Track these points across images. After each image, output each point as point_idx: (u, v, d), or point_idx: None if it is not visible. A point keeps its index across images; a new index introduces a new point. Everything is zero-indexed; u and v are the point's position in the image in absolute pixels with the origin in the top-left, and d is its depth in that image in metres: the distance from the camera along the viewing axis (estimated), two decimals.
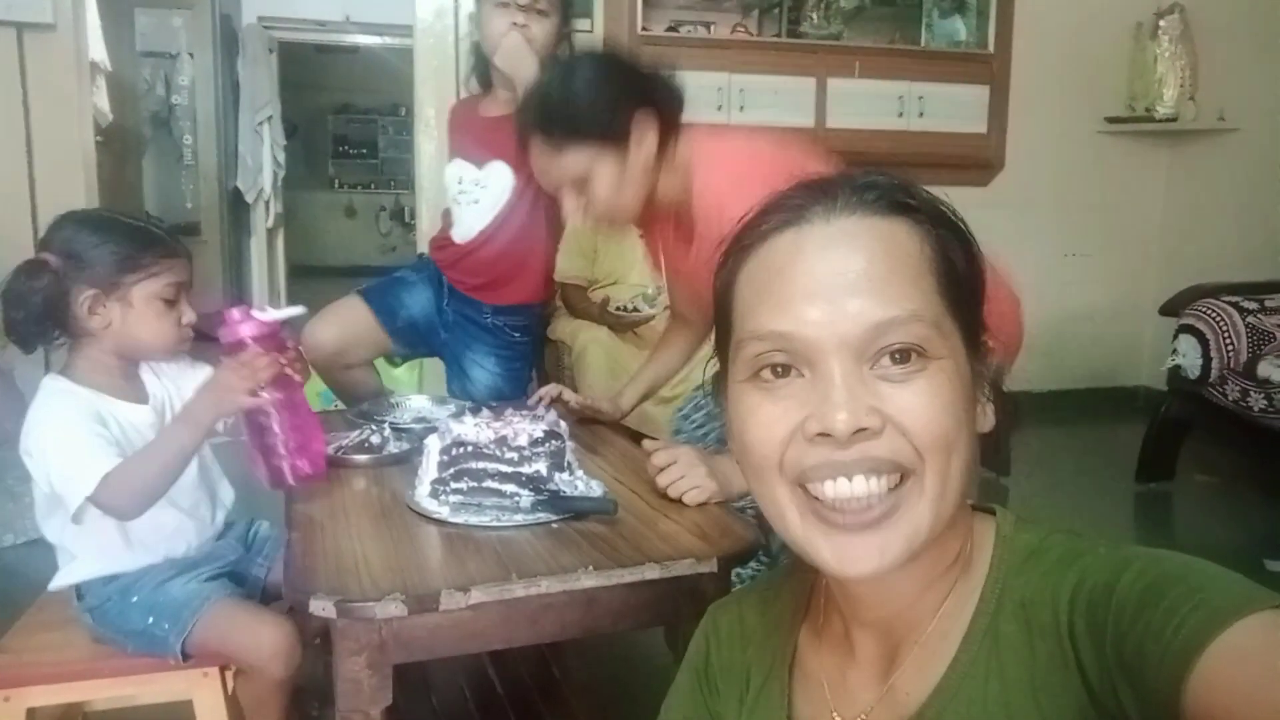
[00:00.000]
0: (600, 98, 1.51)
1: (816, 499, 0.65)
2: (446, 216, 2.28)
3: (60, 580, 1.53)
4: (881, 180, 0.68)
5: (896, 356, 0.63)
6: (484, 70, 2.20)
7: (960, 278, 0.67)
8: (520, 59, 2.01)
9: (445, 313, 2.23)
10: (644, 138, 1.52)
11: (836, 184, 0.68)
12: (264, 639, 1.43)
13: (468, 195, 2.18)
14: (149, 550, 1.53)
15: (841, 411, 0.61)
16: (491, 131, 2.09)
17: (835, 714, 0.74)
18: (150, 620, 1.46)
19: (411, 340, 2.29)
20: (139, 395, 1.55)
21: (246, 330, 1.39)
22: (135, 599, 1.48)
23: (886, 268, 0.64)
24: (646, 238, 1.78)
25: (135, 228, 1.49)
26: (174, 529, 1.55)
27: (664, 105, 1.55)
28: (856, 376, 0.62)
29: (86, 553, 1.51)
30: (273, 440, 1.41)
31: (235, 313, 1.41)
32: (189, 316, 1.50)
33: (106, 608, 1.49)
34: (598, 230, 1.66)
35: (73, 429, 1.40)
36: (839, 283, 0.64)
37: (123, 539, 1.50)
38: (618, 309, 3.11)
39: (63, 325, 1.45)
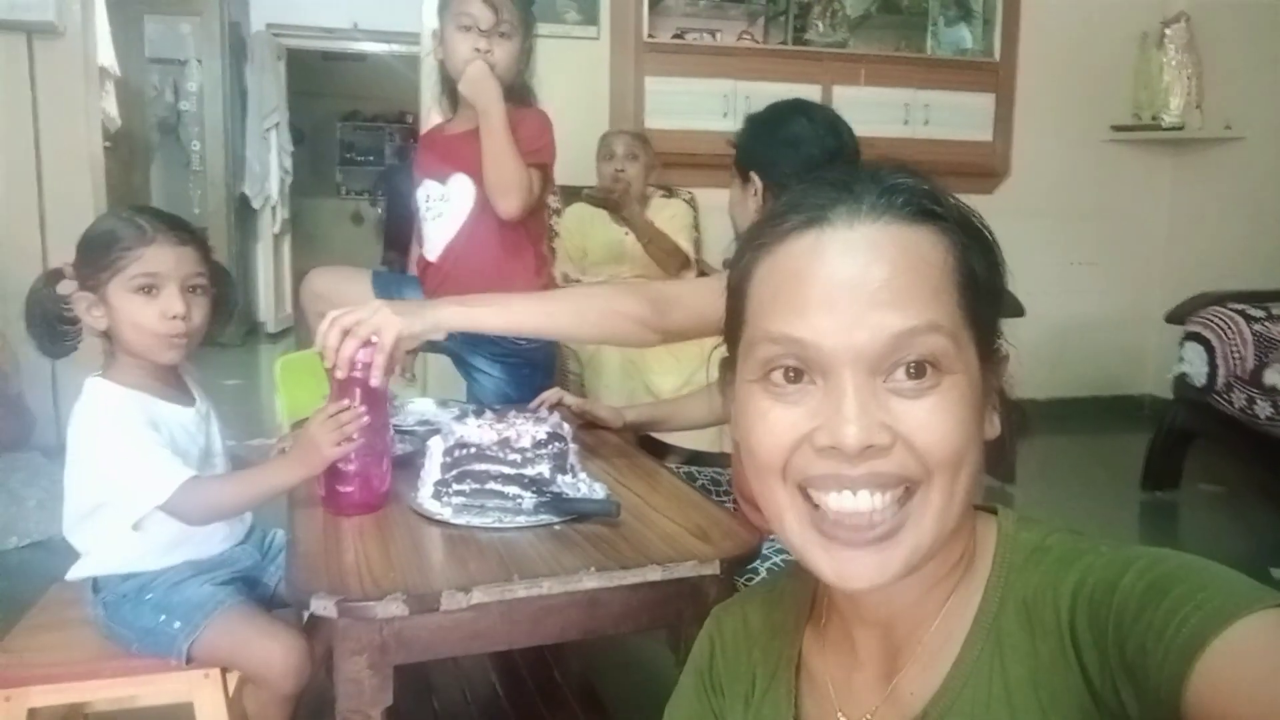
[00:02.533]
0: (749, 133, 1.73)
1: (817, 507, 0.64)
2: (420, 240, 2.28)
3: (79, 571, 1.53)
4: (908, 183, 0.66)
5: (911, 370, 0.62)
6: (452, 89, 2.21)
7: (981, 286, 0.66)
8: (482, 89, 2.03)
9: (452, 335, 2.24)
10: (757, 194, 1.68)
11: (862, 184, 0.66)
12: (276, 653, 1.42)
13: (433, 211, 2.19)
14: (174, 551, 1.54)
15: (852, 425, 0.60)
16: (455, 146, 2.11)
17: (840, 715, 0.73)
18: (162, 618, 1.46)
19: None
20: (183, 397, 1.56)
21: (361, 354, 1.34)
22: (150, 596, 1.49)
23: (908, 280, 0.62)
24: None
25: (113, 222, 1.45)
26: (205, 533, 1.56)
27: (772, 187, 1.67)
28: (869, 390, 0.62)
29: (110, 548, 1.51)
30: (340, 469, 1.38)
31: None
32: (174, 309, 1.42)
33: (120, 602, 1.49)
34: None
35: (135, 438, 1.41)
36: (859, 293, 0.62)
37: (150, 540, 1.50)
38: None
39: (83, 331, 1.47)
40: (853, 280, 0.62)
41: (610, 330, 1.59)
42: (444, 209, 2.17)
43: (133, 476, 1.40)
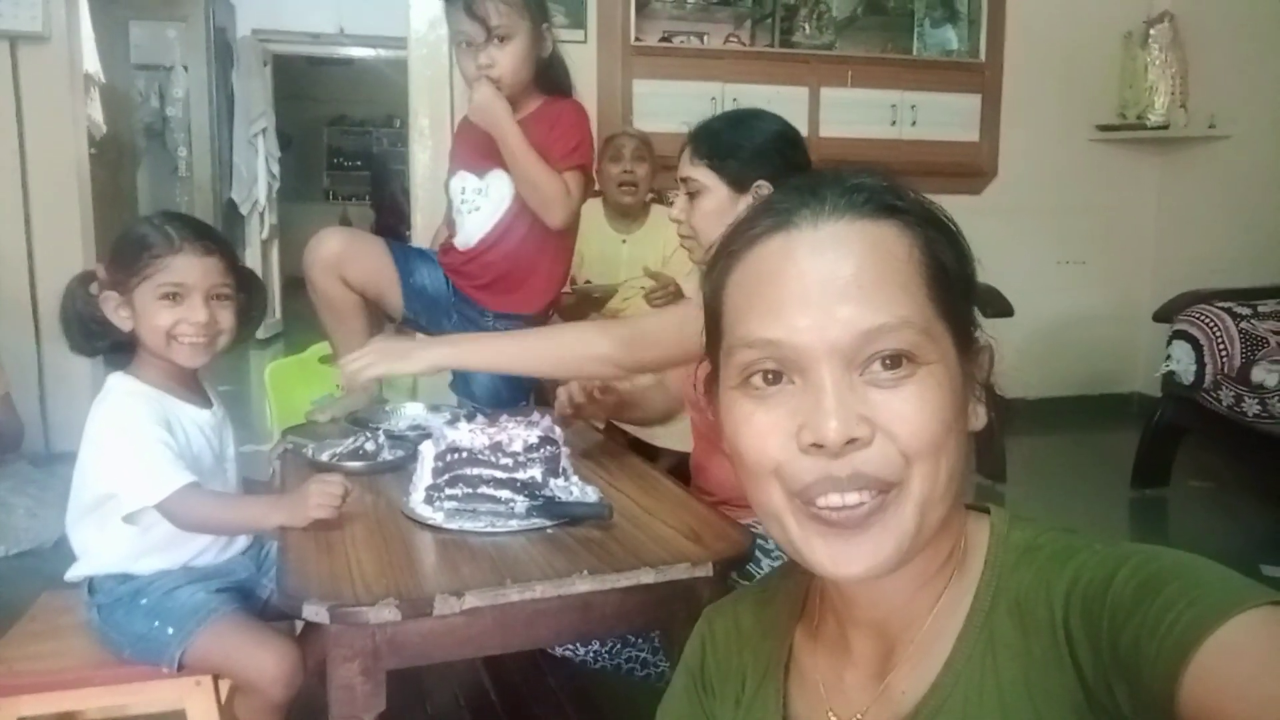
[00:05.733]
0: (751, 143, 1.68)
1: (810, 503, 0.65)
2: (451, 227, 2.27)
3: (77, 571, 1.54)
4: (869, 182, 0.68)
5: (887, 362, 0.62)
6: None
7: (951, 279, 0.67)
8: (490, 116, 2.02)
9: (451, 312, 2.24)
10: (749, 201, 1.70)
11: (824, 186, 0.67)
12: (268, 661, 1.43)
13: (469, 204, 2.18)
14: (169, 556, 1.55)
15: (832, 420, 0.61)
16: (491, 141, 2.08)
17: (831, 714, 0.74)
18: (155, 624, 1.47)
19: (419, 306, 2.24)
20: (201, 400, 1.60)
21: None
22: (144, 601, 1.49)
23: (875, 273, 0.63)
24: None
25: (146, 228, 1.50)
26: (203, 540, 1.57)
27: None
28: (847, 384, 0.62)
29: (108, 550, 1.52)
30: None
31: None
32: (196, 317, 1.47)
33: (114, 606, 1.50)
34: (682, 243, 1.81)
35: (146, 435, 1.44)
36: (828, 289, 0.63)
37: (147, 543, 1.52)
38: (586, 282, 3.25)
39: (115, 331, 1.51)
40: (821, 277, 0.64)
41: (583, 371, 1.66)
42: (482, 203, 2.17)
43: (134, 471, 1.43)
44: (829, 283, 0.63)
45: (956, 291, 0.67)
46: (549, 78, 2.13)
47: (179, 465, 1.44)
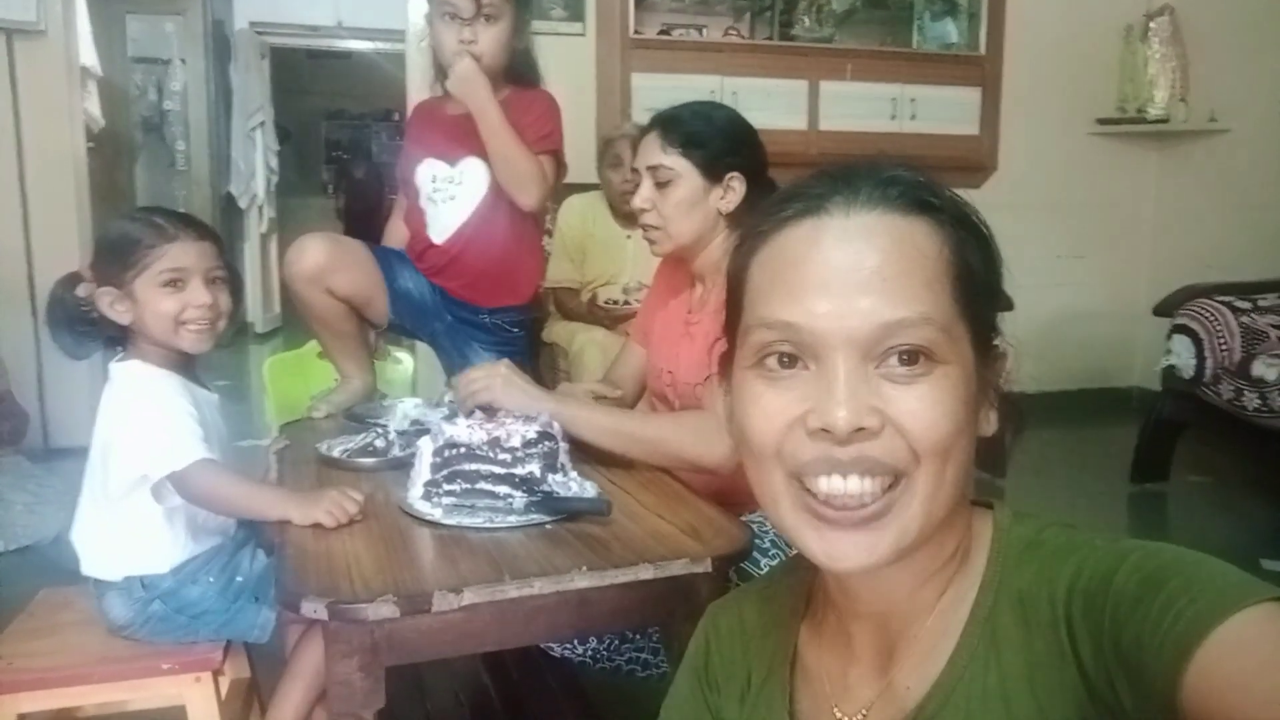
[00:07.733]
0: (722, 133, 1.68)
1: (809, 492, 0.64)
2: (418, 218, 2.20)
3: (126, 569, 1.52)
4: (905, 176, 0.67)
5: (904, 357, 0.62)
6: (446, 74, 2.14)
7: (977, 281, 0.67)
8: (472, 89, 1.98)
9: (443, 314, 2.21)
10: (726, 193, 1.68)
11: (859, 176, 0.67)
12: None
13: (443, 193, 2.13)
14: (213, 532, 1.58)
15: (842, 409, 0.61)
16: (463, 128, 2.05)
17: (836, 710, 0.73)
18: (230, 599, 1.52)
19: (404, 310, 2.19)
20: (204, 383, 1.62)
21: None
22: (210, 579, 1.53)
23: (901, 267, 0.63)
24: (657, 283, 1.93)
25: (133, 223, 1.52)
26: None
27: (754, 189, 1.67)
28: (861, 375, 0.62)
29: (155, 542, 1.52)
30: None
31: None
32: (200, 299, 1.49)
33: (180, 589, 1.51)
34: (645, 233, 1.76)
35: (171, 405, 1.47)
36: (852, 279, 0.63)
37: (193, 526, 1.54)
38: (606, 302, 3.24)
39: (108, 327, 1.52)
40: (846, 266, 0.63)
41: (683, 467, 1.56)
42: (456, 192, 2.12)
43: (158, 438, 1.44)
44: (853, 272, 0.63)
45: (981, 295, 0.67)
46: (519, 70, 2.11)
47: (200, 439, 1.46)
